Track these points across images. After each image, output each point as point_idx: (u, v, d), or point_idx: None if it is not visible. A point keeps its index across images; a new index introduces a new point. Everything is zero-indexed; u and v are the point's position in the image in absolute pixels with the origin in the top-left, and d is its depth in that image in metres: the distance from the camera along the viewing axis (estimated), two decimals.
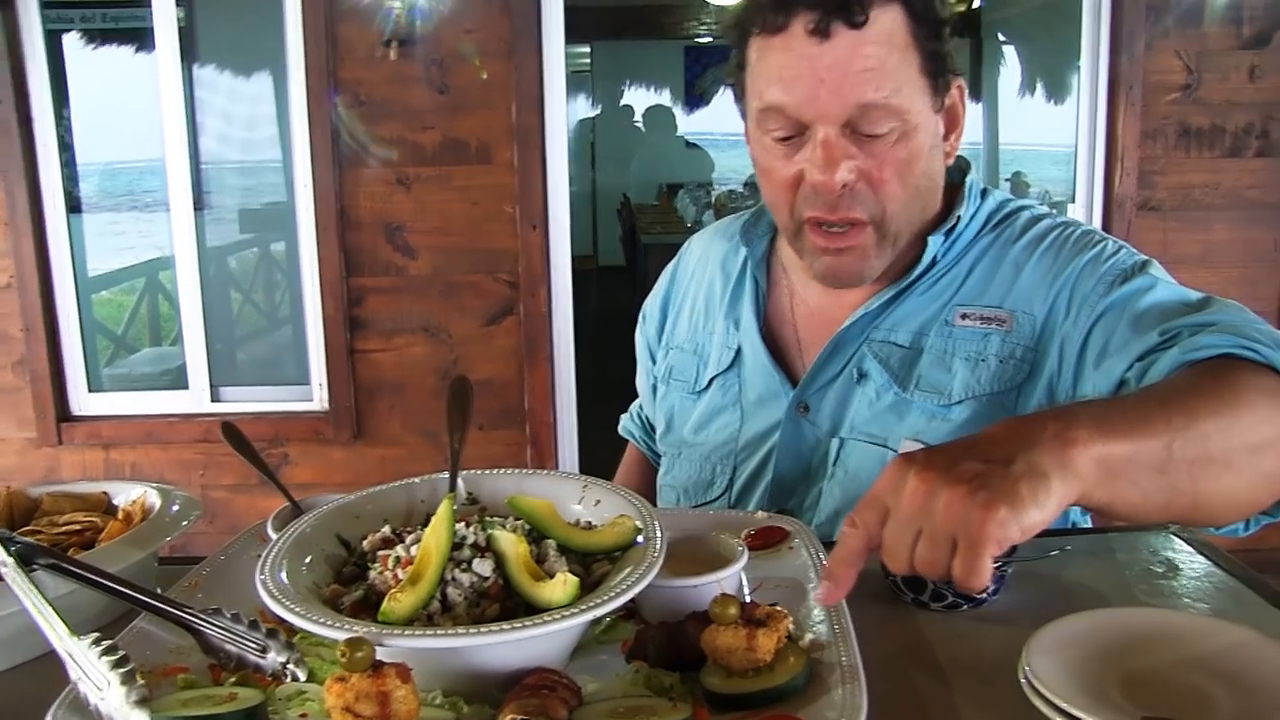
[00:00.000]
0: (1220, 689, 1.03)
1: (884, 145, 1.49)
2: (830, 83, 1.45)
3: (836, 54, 1.44)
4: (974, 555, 0.92)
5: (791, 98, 1.48)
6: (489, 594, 1.06)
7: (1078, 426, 1.00)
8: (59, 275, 4.45)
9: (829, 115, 1.47)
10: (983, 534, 0.91)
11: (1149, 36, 4.30)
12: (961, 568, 0.93)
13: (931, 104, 1.53)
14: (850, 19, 1.42)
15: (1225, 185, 4.43)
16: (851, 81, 1.44)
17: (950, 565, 0.94)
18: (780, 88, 1.48)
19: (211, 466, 4.53)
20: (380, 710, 0.90)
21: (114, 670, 0.96)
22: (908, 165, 1.52)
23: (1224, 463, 1.07)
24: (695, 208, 9.81)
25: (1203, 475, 1.06)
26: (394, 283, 4.39)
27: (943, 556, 0.95)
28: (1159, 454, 1.03)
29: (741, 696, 1.00)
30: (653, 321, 2.01)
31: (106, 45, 4.62)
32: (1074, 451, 0.97)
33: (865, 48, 1.44)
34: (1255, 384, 1.15)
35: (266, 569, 1.07)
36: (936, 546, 0.95)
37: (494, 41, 4.22)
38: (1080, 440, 0.98)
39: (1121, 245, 1.58)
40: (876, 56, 1.45)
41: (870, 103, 1.45)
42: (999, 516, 0.91)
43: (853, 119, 1.47)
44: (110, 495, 1.51)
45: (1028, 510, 0.93)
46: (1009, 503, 0.92)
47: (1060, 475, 0.96)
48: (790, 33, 1.46)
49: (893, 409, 1.60)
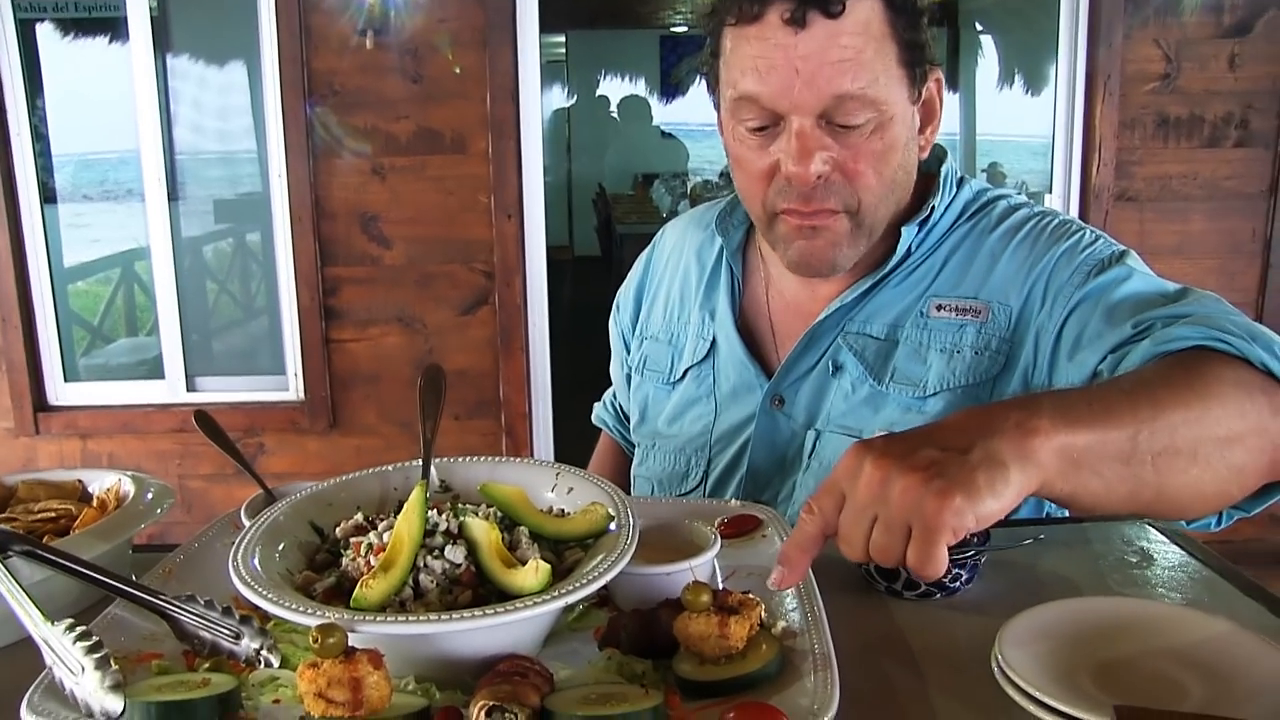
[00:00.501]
0: (1193, 678, 1.04)
1: (859, 137, 1.48)
2: (805, 73, 1.43)
3: (812, 44, 1.42)
4: (928, 543, 0.93)
5: (766, 88, 1.46)
6: (461, 581, 1.06)
7: (1039, 416, 1.00)
8: (34, 266, 4.44)
9: (804, 106, 1.45)
10: (937, 522, 0.92)
11: (1127, 26, 4.31)
12: (915, 555, 0.94)
13: (909, 95, 1.52)
14: (827, 8, 1.41)
15: (1203, 175, 4.45)
16: (827, 73, 1.43)
17: (905, 553, 0.95)
18: (755, 78, 1.47)
19: (188, 456, 4.51)
20: (353, 696, 0.90)
21: (88, 656, 0.96)
22: (883, 157, 1.51)
23: (1191, 455, 1.07)
24: (671, 198, 9.80)
25: (1169, 467, 1.05)
26: (369, 273, 4.38)
27: (897, 544, 0.96)
28: (1124, 445, 1.03)
29: (714, 684, 1.00)
30: (626, 310, 2.00)
31: (80, 35, 4.59)
32: (1034, 441, 0.98)
33: (841, 38, 1.42)
34: (1227, 376, 1.15)
35: (239, 556, 1.07)
36: (891, 534, 0.96)
37: (468, 31, 4.21)
38: (1041, 430, 0.98)
39: (1099, 235, 1.57)
40: (853, 47, 1.43)
41: (846, 94, 1.44)
42: (954, 505, 0.92)
43: (828, 110, 1.45)
44: (85, 483, 1.50)
45: (984, 499, 0.93)
46: (964, 491, 0.93)
47: (1019, 465, 0.96)
48: (765, 22, 1.44)
49: (868, 401, 1.60)
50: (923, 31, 1.51)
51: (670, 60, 12.79)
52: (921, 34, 1.51)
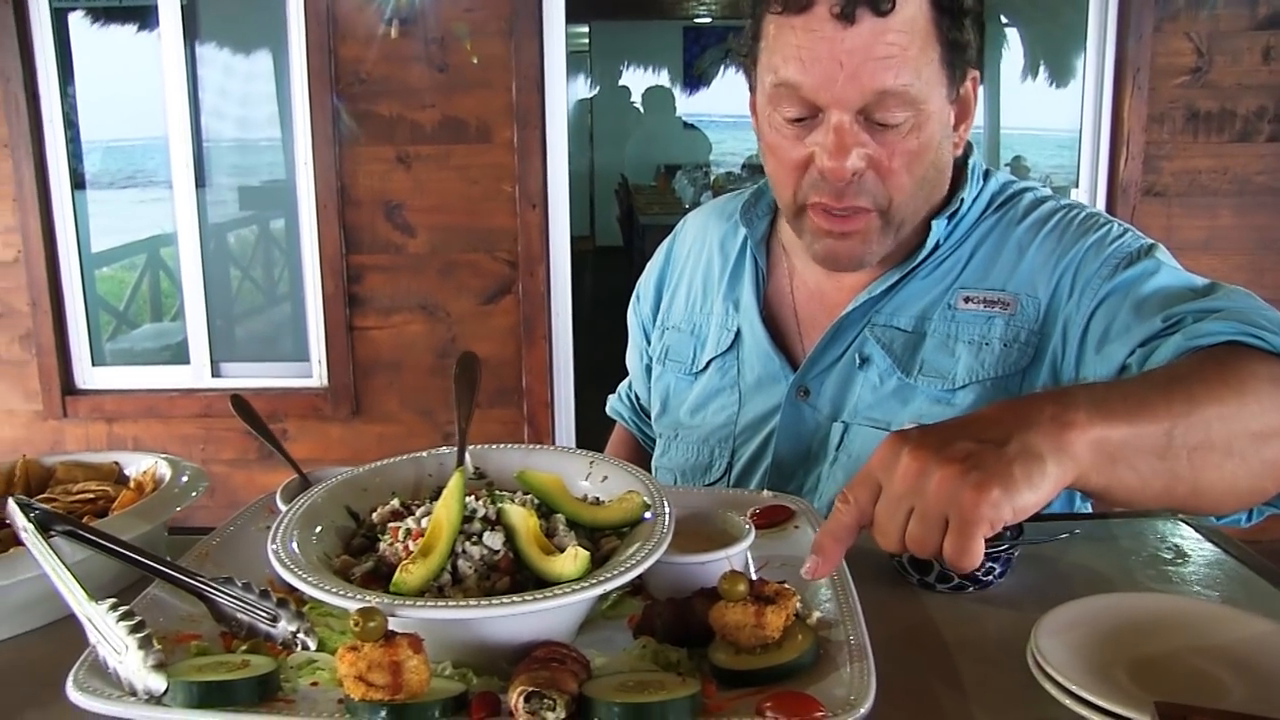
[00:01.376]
0: (1232, 676, 1.03)
1: (896, 135, 1.48)
2: (850, 67, 1.42)
3: (859, 39, 1.41)
4: (965, 535, 0.93)
5: (808, 79, 1.45)
6: (499, 567, 1.07)
7: (1076, 409, 1.00)
8: (64, 251, 4.47)
9: (845, 100, 1.44)
10: (974, 514, 0.92)
11: (1158, 18, 4.27)
12: (952, 547, 0.94)
13: (947, 95, 1.52)
14: (877, 5, 1.40)
15: (1233, 170, 4.39)
16: (871, 68, 1.42)
17: (941, 545, 0.95)
18: (798, 67, 1.45)
19: (211, 441, 4.54)
20: (392, 680, 0.91)
21: (132, 635, 0.98)
22: (918, 156, 1.51)
23: (1226, 450, 1.06)
24: (693, 189, 9.78)
25: (1203, 462, 1.05)
26: (393, 261, 4.39)
27: (934, 535, 0.96)
28: (1159, 439, 1.03)
29: (749, 673, 1.00)
30: (647, 301, 2.00)
31: (110, 23, 4.61)
32: (1071, 434, 0.98)
33: (888, 35, 1.41)
34: (1260, 371, 1.14)
35: (278, 539, 1.08)
36: (927, 525, 0.96)
37: (494, 20, 4.21)
38: (1078, 423, 0.98)
39: (1127, 228, 1.57)
40: (899, 44, 1.42)
41: (888, 90, 1.43)
42: (991, 497, 0.92)
43: (868, 106, 1.45)
44: (121, 465, 1.52)
45: (1020, 491, 0.93)
46: (1002, 483, 0.93)
47: (1055, 457, 0.96)
48: (813, 13, 1.43)
49: (896, 394, 1.59)
50: (966, 32, 1.50)
51: (693, 51, 12.78)
52: (965, 34, 1.50)
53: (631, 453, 2.11)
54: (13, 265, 4.42)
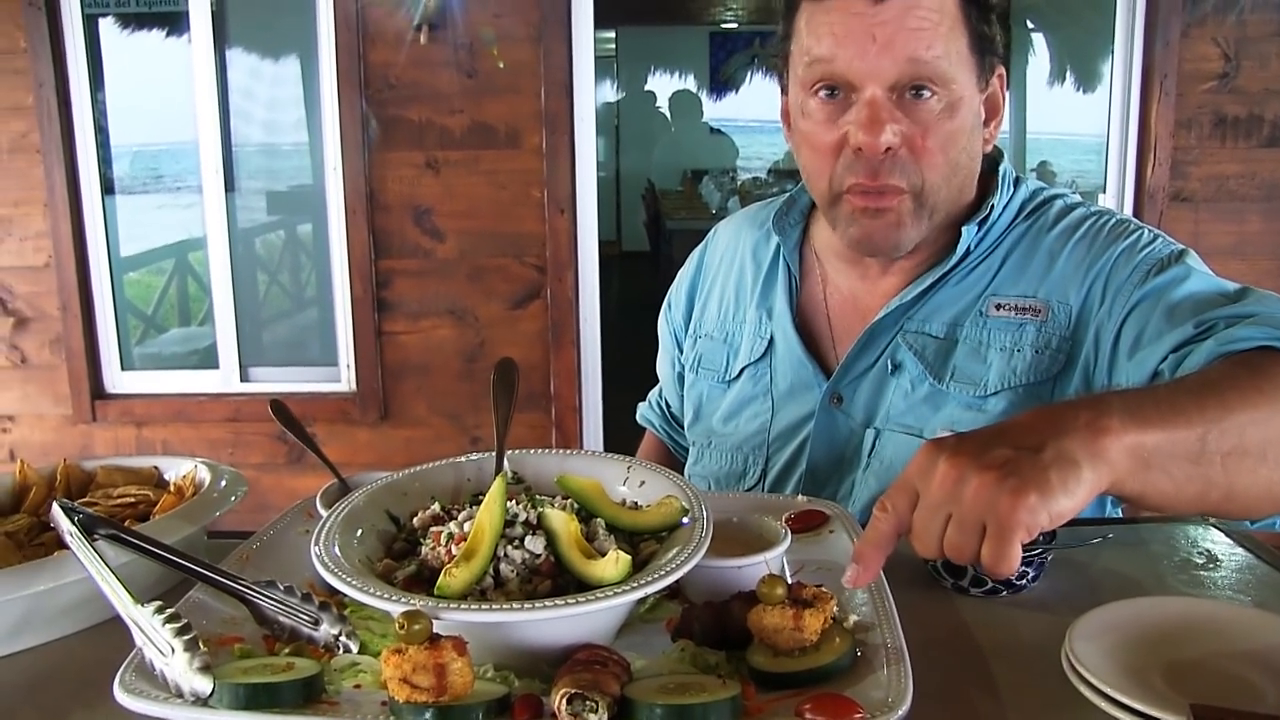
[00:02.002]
0: (1267, 681, 1.03)
1: (929, 113, 1.50)
2: (882, 39, 1.45)
3: (890, 13, 1.45)
4: (1002, 541, 0.93)
5: (842, 52, 1.48)
6: (541, 570, 1.08)
7: (1110, 415, 1.00)
8: (94, 256, 4.52)
9: (878, 73, 1.47)
10: (1012, 520, 0.93)
11: (1185, 23, 4.26)
12: (990, 553, 0.94)
13: (976, 83, 1.55)
14: None
15: (1261, 176, 4.38)
16: (904, 38, 1.45)
17: (979, 551, 0.96)
18: (831, 42, 1.49)
19: (240, 445, 4.57)
20: (436, 682, 0.92)
21: (178, 638, 0.99)
22: (951, 138, 1.53)
23: (1260, 455, 1.06)
24: (720, 194, 9.80)
25: (1237, 467, 1.05)
26: (421, 265, 4.41)
27: (971, 542, 0.96)
28: (1193, 445, 1.03)
29: (788, 675, 1.01)
30: (679, 309, 2.00)
31: (140, 29, 4.65)
32: (1106, 440, 0.98)
33: (919, 9, 1.46)
34: None
35: (321, 543, 1.09)
36: (965, 532, 0.96)
37: (523, 26, 4.24)
38: (1112, 429, 0.99)
39: (1157, 234, 1.57)
40: (929, 19, 1.46)
41: (920, 59, 1.46)
42: (1028, 503, 0.93)
43: (900, 80, 1.47)
44: (161, 470, 1.55)
45: (1057, 497, 0.94)
46: (1038, 489, 0.93)
47: (1091, 463, 0.97)
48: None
49: (928, 400, 1.60)
50: (992, 25, 1.54)
51: (719, 57, 12.78)
52: (991, 28, 1.54)
53: (663, 460, 2.09)
54: (43, 270, 4.46)
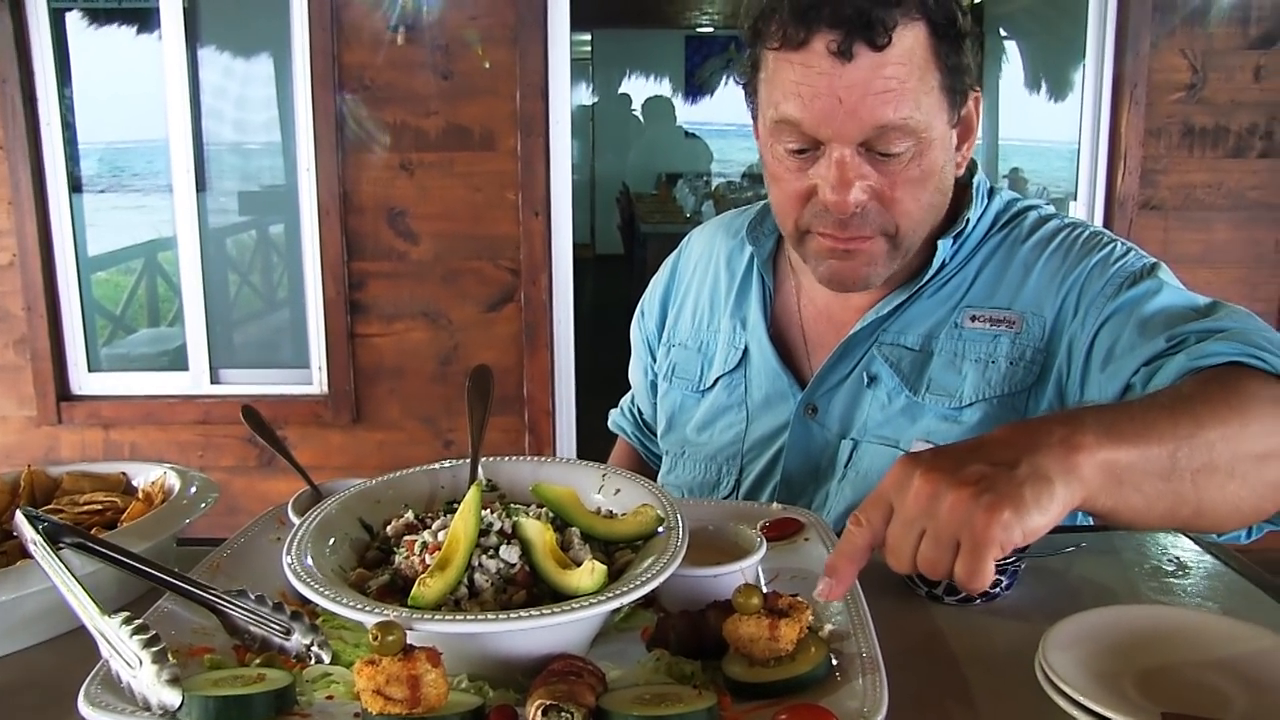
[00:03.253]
0: (1236, 688, 1.04)
1: (898, 164, 1.48)
2: (849, 103, 1.42)
3: (857, 75, 1.41)
4: (977, 558, 0.94)
5: (808, 115, 1.45)
6: (516, 580, 1.07)
7: (1085, 432, 1.01)
8: (60, 254, 4.46)
9: (845, 135, 1.45)
10: (986, 537, 0.93)
11: (1155, 35, 4.30)
12: (964, 569, 0.95)
13: (948, 119, 1.52)
14: (873, 40, 1.40)
15: (1228, 185, 4.43)
16: (870, 103, 1.42)
17: (953, 567, 0.96)
18: (797, 104, 1.46)
19: (210, 448, 4.53)
20: (410, 694, 0.91)
21: (146, 649, 0.97)
22: (921, 183, 1.51)
23: (1229, 471, 1.08)
24: (694, 197, 9.82)
25: (1207, 483, 1.07)
26: (395, 267, 4.39)
27: (946, 557, 0.96)
28: (1164, 461, 1.04)
29: (764, 685, 1.01)
30: (652, 317, 1.99)
31: (109, 24, 4.60)
32: (1079, 457, 0.99)
33: (886, 69, 1.41)
34: (1263, 393, 1.16)
35: (293, 552, 1.08)
36: (939, 547, 0.97)
37: (499, 28, 4.22)
38: (1086, 446, 1.00)
39: (1130, 247, 1.58)
40: (897, 78, 1.42)
41: (888, 124, 1.43)
42: (1003, 520, 0.93)
43: (869, 140, 1.45)
44: (129, 476, 1.52)
45: (1031, 514, 0.94)
46: (1013, 506, 0.94)
47: (1064, 480, 0.97)
48: (810, 50, 1.43)
49: (905, 412, 1.60)
50: (965, 55, 1.50)
51: (695, 60, 12.78)
52: (964, 57, 1.50)
53: (635, 467, 2.10)
54: (8, 269, 4.41)
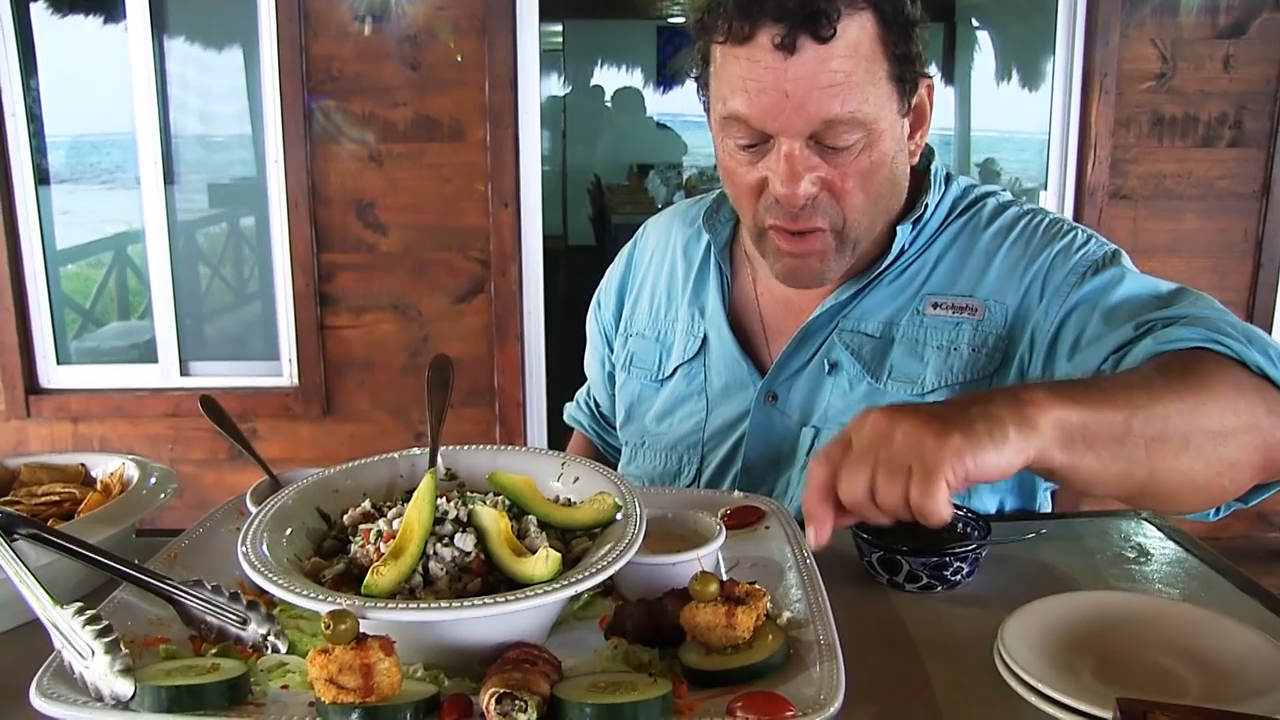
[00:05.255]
0: (1192, 672, 1.05)
1: (848, 156, 1.48)
2: (795, 97, 1.42)
3: (802, 68, 1.41)
4: (928, 480, 0.98)
5: (755, 110, 1.45)
6: (471, 569, 1.07)
7: (1036, 390, 1.07)
8: (28, 247, 4.40)
9: (793, 129, 1.44)
10: (937, 458, 0.98)
11: (1125, 25, 4.31)
12: (916, 493, 0.98)
13: (898, 109, 1.51)
14: (817, 33, 1.39)
15: (1197, 175, 4.45)
16: (817, 97, 1.42)
17: (906, 496, 0.99)
18: (744, 99, 1.45)
19: (180, 441, 4.50)
20: (364, 682, 0.91)
21: (98, 639, 0.97)
22: (871, 174, 1.51)
23: (1182, 443, 1.12)
24: (666, 189, 9.80)
25: (1161, 453, 1.10)
26: (364, 259, 4.36)
27: (897, 485, 1.00)
28: (1117, 426, 1.08)
29: (720, 673, 1.01)
30: (608, 307, 1.99)
31: (74, 14, 4.54)
32: (1031, 409, 1.04)
33: (831, 61, 1.41)
34: (1224, 375, 1.19)
35: (248, 541, 1.08)
36: (892, 473, 1.01)
37: (467, 19, 4.19)
38: (1037, 400, 1.05)
39: (1091, 235, 1.59)
40: (843, 70, 1.41)
41: (835, 117, 1.43)
42: (953, 444, 0.98)
43: (817, 133, 1.45)
44: (88, 467, 1.51)
45: (984, 446, 0.99)
46: (963, 432, 0.99)
47: (1017, 426, 1.02)
48: (755, 44, 1.42)
49: (866, 398, 1.60)
50: (914, 43, 1.49)
51: (667, 51, 12.74)
52: (914, 45, 1.49)
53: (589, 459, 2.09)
54: None
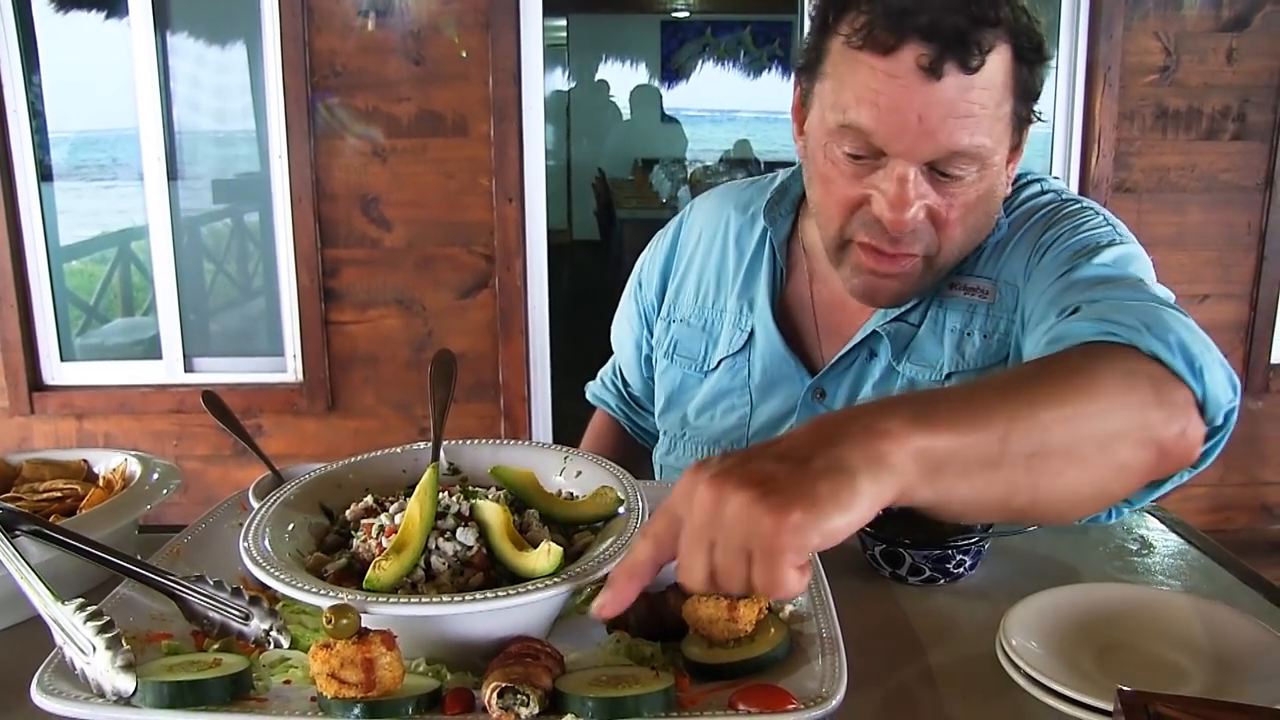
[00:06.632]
0: (1194, 664, 1.05)
1: (958, 186, 1.43)
2: (928, 122, 1.36)
3: (942, 95, 1.35)
4: (771, 566, 0.84)
5: (881, 127, 1.38)
6: (473, 563, 1.07)
7: (892, 418, 0.91)
8: (31, 244, 4.41)
9: (916, 154, 1.39)
10: (776, 543, 0.83)
11: (1128, 18, 4.30)
12: (761, 580, 0.86)
13: (1010, 143, 1.47)
14: (965, 62, 1.34)
15: (1201, 168, 4.44)
16: (950, 127, 1.36)
17: (750, 578, 0.87)
18: (871, 114, 1.38)
19: (185, 437, 4.51)
20: (365, 677, 0.91)
21: (99, 635, 0.97)
22: (975, 207, 1.46)
23: (1067, 455, 0.99)
24: (670, 183, 9.80)
25: (1043, 469, 0.98)
26: (369, 255, 4.36)
27: (738, 568, 0.87)
28: (991, 446, 0.95)
29: (723, 666, 1.00)
30: (650, 287, 1.92)
31: (77, 10, 4.53)
32: (885, 445, 0.89)
33: (971, 92, 1.36)
34: (1112, 369, 1.08)
35: (250, 536, 1.08)
36: (730, 558, 0.87)
37: (471, 13, 4.19)
38: (892, 433, 0.90)
39: (1106, 223, 1.50)
40: (979, 103, 1.36)
41: (961, 150, 1.38)
42: (791, 522, 0.83)
43: (937, 160, 1.40)
44: (90, 463, 1.51)
45: (828, 513, 0.84)
46: (803, 506, 0.83)
47: (870, 472, 0.87)
48: (897, 59, 1.35)
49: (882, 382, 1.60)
50: (1039, 78, 1.45)
51: (671, 45, 12.73)
52: (1039, 80, 1.45)
53: (615, 440, 2.06)
54: None
